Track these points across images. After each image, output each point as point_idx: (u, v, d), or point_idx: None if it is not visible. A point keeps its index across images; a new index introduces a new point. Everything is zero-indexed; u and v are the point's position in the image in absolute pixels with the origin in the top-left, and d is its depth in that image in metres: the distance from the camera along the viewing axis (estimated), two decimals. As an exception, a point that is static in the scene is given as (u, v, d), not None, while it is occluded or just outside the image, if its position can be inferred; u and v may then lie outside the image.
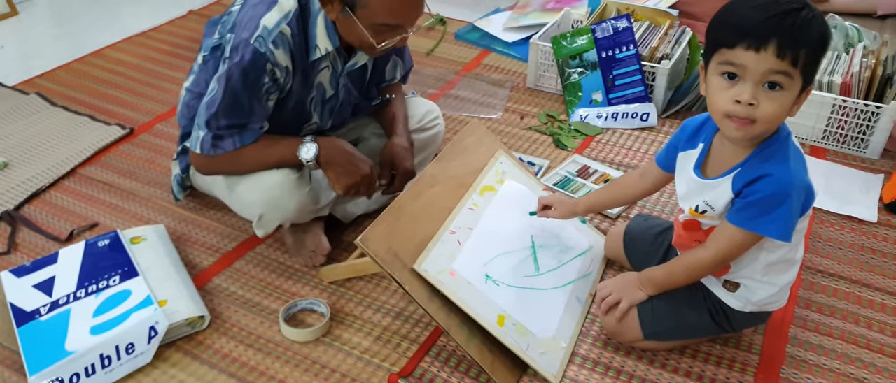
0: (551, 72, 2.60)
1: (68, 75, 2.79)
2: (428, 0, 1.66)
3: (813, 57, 1.22)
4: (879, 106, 2.10)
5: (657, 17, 2.66)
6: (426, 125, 2.05)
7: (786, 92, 1.22)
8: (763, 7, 1.22)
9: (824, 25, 1.23)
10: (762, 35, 1.19)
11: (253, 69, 1.59)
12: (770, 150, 1.30)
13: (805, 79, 1.23)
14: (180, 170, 1.96)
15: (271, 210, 1.70)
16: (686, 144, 1.46)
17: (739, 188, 1.30)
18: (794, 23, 1.19)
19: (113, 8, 3.45)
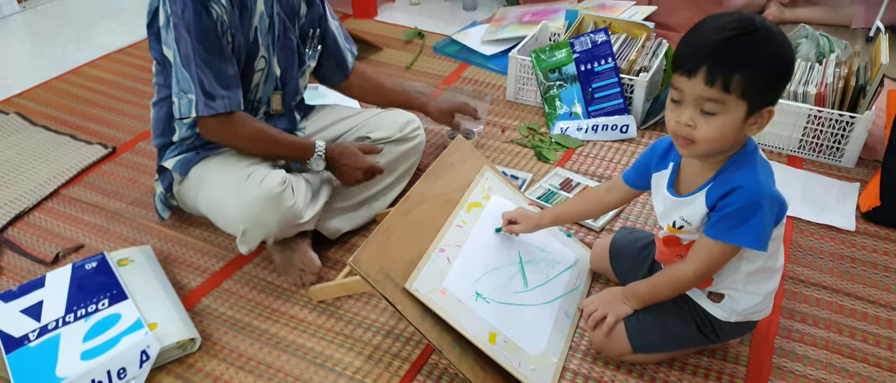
0: (531, 84, 2.61)
1: (47, 94, 2.75)
2: (406, 14, 1.68)
3: (753, 81, 1.23)
4: (853, 115, 2.14)
5: (634, 29, 2.68)
6: (408, 135, 2.07)
7: (720, 117, 1.25)
8: (709, 31, 1.26)
9: (774, 48, 1.23)
10: (694, 62, 1.24)
11: (196, 7, 1.59)
12: (738, 164, 1.32)
13: (750, 102, 1.24)
14: (163, 189, 1.93)
15: (254, 226, 1.69)
16: (658, 165, 1.48)
17: (713, 202, 1.32)
18: (728, 49, 1.22)
19: (89, 25, 3.41)
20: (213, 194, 1.76)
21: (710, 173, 1.35)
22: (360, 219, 1.99)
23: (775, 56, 1.24)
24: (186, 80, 1.63)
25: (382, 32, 3.26)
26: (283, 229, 1.73)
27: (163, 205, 1.98)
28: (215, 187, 1.76)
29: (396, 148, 2.04)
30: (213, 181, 1.77)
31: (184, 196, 1.89)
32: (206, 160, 1.81)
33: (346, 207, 1.96)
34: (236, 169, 1.75)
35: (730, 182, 1.30)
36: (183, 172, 1.82)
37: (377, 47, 3.10)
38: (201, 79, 1.63)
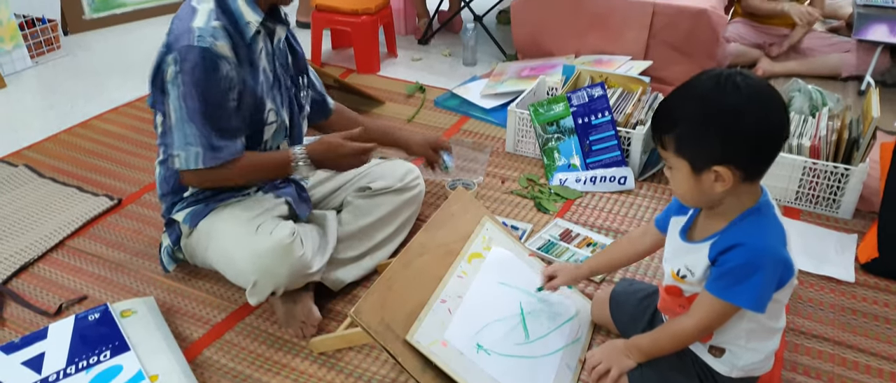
0: (529, 137, 2.61)
1: (56, 146, 2.75)
2: (408, 70, 1.71)
3: (681, 137, 1.24)
4: (848, 167, 2.13)
5: (630, 84, 2.70)
6: (408, 185, 2.07)
7: (675, 172, 1.30)
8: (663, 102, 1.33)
9: (706, 102, 1.23)
10: (652, 126, 1.33)
11: (206, 65, 1.61)
12: (747, 221, 1.30)
13: (689, 159, 1.25)
14: (170, 243, 1.92)
15: (265, 276, 1.67)
16: (678, 210, 1.47)
17: (715, 256, 1.30)
18: (661, 108, 1.29)
19: (99, 79, 3.43)
20: (223, 246, 1.74)
21: (721, 226, 1.32)
22: (362, 269, 1.96)
23: (709, 108, 1.23)
24: (193, 134, 1.64)
25: (385, 87, 3.29)
26: (292, 280, 1.71)
27: (169, 258, 1.96)
28: (225, 240, 1.74)
29: (397, 197, 2.04)
30: (223, 234, 1.75)
31: (192, 249, 1.87)
32: (214, 212, 1.80)
33: (349, 258, 1.94)
34: (245, 221, 1.74)
35: (733, 238, 1.28)
36: (193, 224, 1.81)
37: (379, 101, 3.12)
38: (207, 133, 1.64)
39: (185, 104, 1.62)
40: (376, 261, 2.00)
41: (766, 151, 1.26)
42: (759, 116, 1.21)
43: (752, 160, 1.25)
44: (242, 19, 1.69)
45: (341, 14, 3.45)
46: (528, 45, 3.42)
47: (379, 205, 1.99)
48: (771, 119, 1.23)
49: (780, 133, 1.25)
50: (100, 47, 3.83)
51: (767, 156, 1.26)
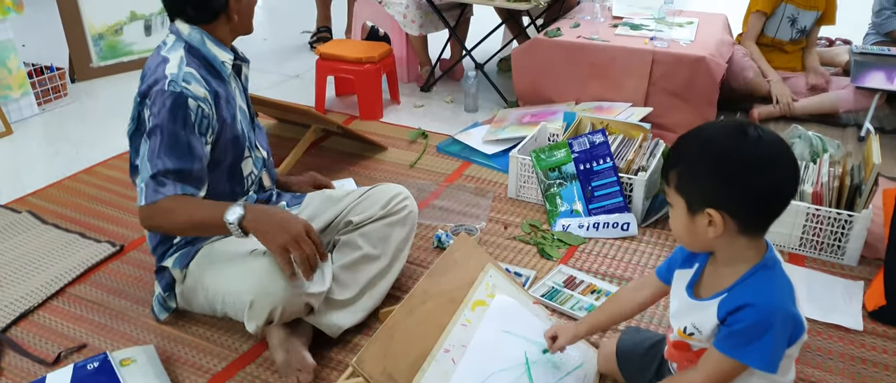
0: (531, 182, 2.59)
1: (60, 192, 2.73)
2: (410, 116, 1.71)
3: (682, 176, 1.24)
4: (852, 214, 2.11)
5: (631, 130, 2.69)
6: (392, 209, 1.97)
7: (673, 210, 1.29)
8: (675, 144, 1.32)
9: (711, 147, 1.22)
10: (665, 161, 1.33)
11: (178, 107, 1.66)
12: (755, 279, 1.26)
13: (686, 197, 1.24)
14: (162, 290, 1.90)
15: (261, 296, 1.64)
16: (683, 263, 1.43)
17: (724, 315, 1.26)
18: (675, 146, 1.28)
19: (104, 126, 3.43)
20: (217, 274, 1.74)
21: (728, 282, 1.28)
22: (360, 311, 1.91)
23: (710, 152, 1.22)
24: (146, 171, 1.67)
25: (388, 133, 3.28)
26: (289, 299, 1.66)
27: (160, 307, 1.94)
28: (219, 267, 1.74)
29: (382, 224, 1.95)
30: (216, 263, 1.75)
31: (187, 292, 1.85)
32: (203, 250, 1.81)
33: (345, 301, 1.88)
34: (237, 248, 1.75)
35: (743, 297, 1.24)
36: (183, 265, 1.80)
37: (382, 147, 3.11)
38: (163, 170, 1.66)
39: (152, 145, 1.67)
40: (374, 299, 1.94)
41: (766, 208, 1.22)
42: (764, 172, 1.19)
43: (750, 213, 1.22)
44: (217, 60, 1.78)
45: (345, 62, 3.46)
46: (528, 92, 3.43)
47: (365, 237, 1.93)
48: (776, 177, 1.20)
49: (784, 194, 1.22)
50: (106, 94, 3.84)
51: (768, 213, 1.23)
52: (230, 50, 1.84)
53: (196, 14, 1.78)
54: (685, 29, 3.35)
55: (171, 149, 1.66)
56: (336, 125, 2.96)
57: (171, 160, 1.66)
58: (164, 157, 1.66)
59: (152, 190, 1.65)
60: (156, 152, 1.66)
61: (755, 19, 3.46)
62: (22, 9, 3.38)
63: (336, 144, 3.14)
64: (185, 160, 1.68)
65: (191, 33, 1.79)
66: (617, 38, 3.26)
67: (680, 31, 3.31)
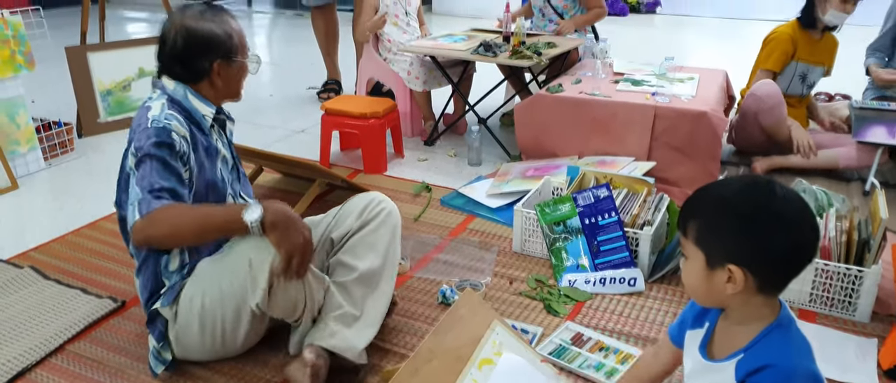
0: (536, 236, 2.55)
1: (63, 247, 2.69)
2: (414, 170, 1.73)
3: (702, 229, 1.21)
4: (861, 269, 2.06)
5: (635, 184, 2.66)
6: (369, 216, 1.96)
7: (689, 262, 1.25)
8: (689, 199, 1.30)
9: (731, 201, 1.20)
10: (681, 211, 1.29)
11: (163, 138, 1.73)
12: (771, 338, 1.22)
13: (706, 251, 1.21)
14: (155, 341, 1.86)
15: (257, 250, 1.68)
16: (694, 323, 1.39)
17: (742, 377, 1.21)
18: (693, 198, 1.25)
19: (109, 180, 3.33)
20: (209, 276, 1.79)
21: (743, 342, 1.24)
22: (370, 325, 1.88)
23: (731, 207, 1.19)
24: (137, 189, 1.70)
25: (392, 187, 3.25)
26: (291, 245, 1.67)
27: (156, 360, 1.89)
28: (208, 271, 1.80)
29: (364, 234, 1.94)
30: (204, 274, 1.81)
31: (181, 329, 1.83)
32: (190, 278, 1.84)
33: (347, 315, 1.84)
34: (221, 253, 1.82)
35: (762, 357, 1.20)
36: (171, 300, 1.81)
37: (386, 201, 3.08)
38: (154, 185, 1.69)
39: (142, 172, 1.71)
40: (379, 303, 1.92)
41: (788, 267, 1.20)
42: (788, 230, 1.16)
43: (771, 271, 1.19)
44: (198, 113, 1.87)
45: (350, 117, 3.46)
46: (531, 146, 3.42)
47: (351, 252, 1.92)
48: (803, 236, 1.18)
49: (808, 253, 1.19)
50: (112, 149, 3.83)
51: (789, 272, 1.20)
52: (213, 106, 1.90)
53: (183, 72, 1.87)
54: (686, 84, 3.35)
55: (162, 173, 1.72)
56: (340, 179, 2.94)
57: (165, 181, 1.71)
58: (157, 179, 1.70)
59: (148, 203, 1.67)
60: (148, 176, 1.70)
61: (762, 76, 3.40)
62: (33, 66, 3.40)
63: (341, 198, 3.08)
64: (178, 183, 1.74)
65: (175, 88, 1.87)
66: (618, 93, 3.26)
67: (681, 86, 3.32)
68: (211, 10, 1.88)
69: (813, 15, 3.31)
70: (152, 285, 1.87)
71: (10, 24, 3.28)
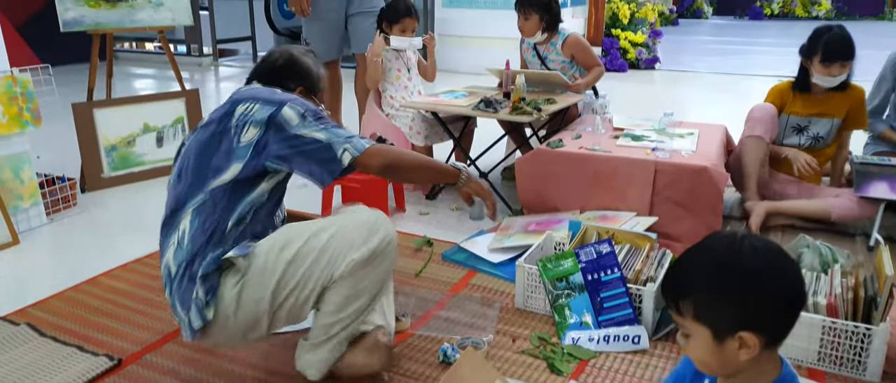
0: (539, 292, 2.51)
1: (61, 304, 2.65)
2: (415, 223, 1.76)
3: (701, 304, 1.16)
4: (870, 327, 2.01)
5: (637, 240, 2.62)
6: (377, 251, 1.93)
7: (693, 339, 1.20)
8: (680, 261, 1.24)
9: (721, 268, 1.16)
10: (664, 291, 1.24)
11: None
12: None
13: (710, 326, 1.16)
14: (204, 294, 1.80)
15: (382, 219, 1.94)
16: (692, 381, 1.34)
17: None
18: (672, 274, 1.22)
19: (111, 236, 3.38)
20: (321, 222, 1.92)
21: None
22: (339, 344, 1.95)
23: (723, 274, 1.16)
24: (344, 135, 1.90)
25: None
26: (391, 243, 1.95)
27: (198, 313, 1.81)
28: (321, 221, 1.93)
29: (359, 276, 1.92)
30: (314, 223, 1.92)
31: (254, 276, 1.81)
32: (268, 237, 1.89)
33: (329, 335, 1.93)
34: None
35: None
36: (246, 251, 1.83)
37: (387, 256, 3.04)
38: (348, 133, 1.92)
39: (318, 123, 1.88)
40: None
41: (788, 316, 1.17)
42: (779, 279, 1.14)
43: (775, 325, 1.16)
44: None
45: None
46: (533, 200, 3.39)
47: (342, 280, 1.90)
48: (790, 282, 1.16)
49: (801, 297, 1.18)
50: (114, 204, 3.82)
51: (790, 321, 1.18)
52: None
53: (270, 83, 2.09)
54: (686, 139, 3.34)
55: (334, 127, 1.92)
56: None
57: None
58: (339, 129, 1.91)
59: (358, 140, 1.90)
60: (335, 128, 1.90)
61: None
62: (40, 122, 3.41)
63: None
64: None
65: None
66: (619, 148, 3.25)
67: (681, 141, 3.31)
68: (313, 55, 2.21)
69: (806, 79, 3.31)
70: (213, 229, 1.84)
71: (19, 81, 3.31)
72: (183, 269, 1.85)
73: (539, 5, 3.90)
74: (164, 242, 1.95)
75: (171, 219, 1.93)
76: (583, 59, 4.05)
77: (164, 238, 1.96)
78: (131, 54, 10.47)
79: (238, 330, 1.87)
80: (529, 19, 3.94)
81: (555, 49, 4.04)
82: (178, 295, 1.86)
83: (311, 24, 4.53)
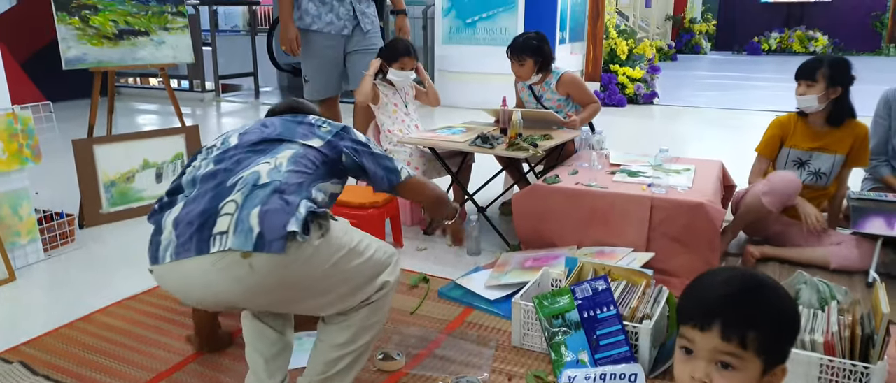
0: (535, 330, 2.49)
1: (56, 341, 2.63)
2: (413, 259, 1.76)
3: (768, 338, 1.17)
4: (867, 366, 1.99)
5: (633, 276, 2.61)
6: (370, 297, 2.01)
7: (738, 372, 1.17)
8: (716, 286, 1.22)
9: (782, 305, 1.19)
10: (708, 315, 1.18)
11: None
12: None
13: (765, 359, 1.17)
14: (306, 211, 1.76)
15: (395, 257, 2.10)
16: None
17: None
18: (743, 304, 1.17)
19: (108, 272, 3.37)
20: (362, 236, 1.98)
21: None
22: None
23: (782, 314, 1.19)
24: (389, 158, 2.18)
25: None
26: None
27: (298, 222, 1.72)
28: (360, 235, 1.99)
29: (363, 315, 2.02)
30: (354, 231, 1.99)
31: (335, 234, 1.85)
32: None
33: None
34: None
35: None
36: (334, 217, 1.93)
37: (384, 293, 3.03)
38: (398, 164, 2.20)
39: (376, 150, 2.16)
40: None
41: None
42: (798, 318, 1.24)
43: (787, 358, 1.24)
44: None
45: (350, 207, 3.45)
46: (530, 236, 3.39)
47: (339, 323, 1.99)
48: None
49: None
50: (112, 240, 3.81)
51: None
52: None
53: None
54: (682, 175, 3.35)
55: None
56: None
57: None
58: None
59: (407, 170, 2.20)
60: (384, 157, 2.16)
61: (757, 162, 3.53)
62: (40, 159, 3.42)
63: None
64: None
65: None
66: (615, 184, 3.25)
67: (677, 177, 3.31)
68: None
69: None
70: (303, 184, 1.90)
71: (20, 118, 3.32)
72: (274, 188, 1.78)
73: (531, 50, 3.95)
74: (252, 158, 1.94)
75: (265, 145, 2.00)
76: (578, 96, 4.07)
77: (251, 153, 1.96)
78: (135, 89, 10.54)
79: (294, 278, 1.78)
80: (524, 65, 3.98)
81: (549, 88, 4.07)
82: (259, 201, 1.75)
83: (310, 60, 4.57)
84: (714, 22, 19.28)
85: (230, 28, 12.89)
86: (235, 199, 1.76)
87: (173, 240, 1.75)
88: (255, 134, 2.05)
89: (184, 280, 1.78)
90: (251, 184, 1.80)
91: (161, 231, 1.81)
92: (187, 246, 1.71)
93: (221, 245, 1.68)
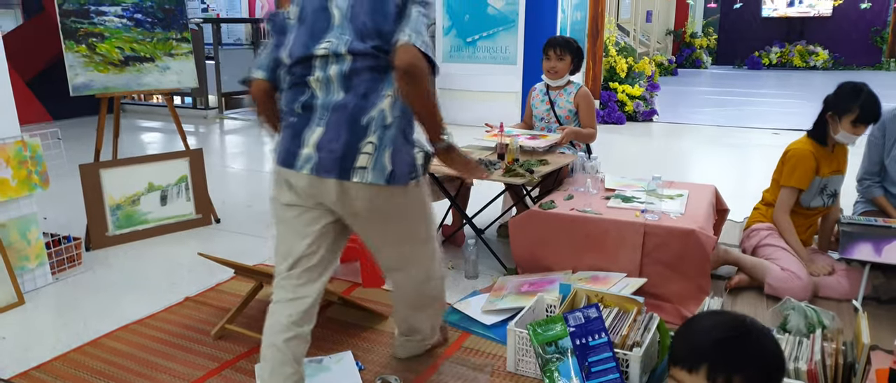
0: (530, 356, 2.56)
1: (64, 366, 2.72)
2: None
3: (752, 381, 1.25)
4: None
5: (625, 303, 2.69)
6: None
7: None
8: (705, 330, 1.28)
9: (767, 350, 1.26)
10: (694, 359, 1.27)
11: None
12: None
13: None
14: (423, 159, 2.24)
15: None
16: None
17: None
18: (729, 349, 1.26)
19: (114, 296, 3.46)
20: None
21: None
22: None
23: (771, 356, 1.26)
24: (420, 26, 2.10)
25: (388, 301, 3.27)
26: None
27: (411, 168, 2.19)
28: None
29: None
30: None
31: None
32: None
33: None
34: None
35: None
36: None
37: (383, 316, 3.10)
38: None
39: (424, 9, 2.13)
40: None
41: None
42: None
43: None
44: None
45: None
46: (526, 260, 3.46)
47: None
48: None
49: None
50: (119, 263, 3.90)
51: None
52: None
53: None
54: (675, 201, 3.42)
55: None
56: (336, 295, 2.97)
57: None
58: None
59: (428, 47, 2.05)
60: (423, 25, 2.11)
61: (788, 195, 3.38)
62: (48, 185, 3.51)
63: (337, 314, 3.14)
64: None
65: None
66: (609, 210, 3.33)
67: (670, 203, 3.39)
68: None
69: (825, 132, 3.32)
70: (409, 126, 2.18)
71: (29, 146, 3.42)
72: (397, 128, 2.13)
73: (572, 49, 4.11)
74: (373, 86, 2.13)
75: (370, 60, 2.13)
76: (585, 114, 4.17)
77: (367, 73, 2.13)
78: (139, 107, 10.66)
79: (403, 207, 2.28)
80: (563, 60, 4.12)
81: (567, 96, 4.18)
82: (389, 141, 2.10)
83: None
84: (715, 36, 19.42)
85: (233, 41, 13.01)
86: (372, 141, 2.10)
87: (314, 158, 2.10)
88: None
89: (317, 189, 2.15)
90: (381, 125, 2.11)
91: (300, 144, 2.13)
92: (329, 169, 2.09)
93: (362, 178, 2.10)
